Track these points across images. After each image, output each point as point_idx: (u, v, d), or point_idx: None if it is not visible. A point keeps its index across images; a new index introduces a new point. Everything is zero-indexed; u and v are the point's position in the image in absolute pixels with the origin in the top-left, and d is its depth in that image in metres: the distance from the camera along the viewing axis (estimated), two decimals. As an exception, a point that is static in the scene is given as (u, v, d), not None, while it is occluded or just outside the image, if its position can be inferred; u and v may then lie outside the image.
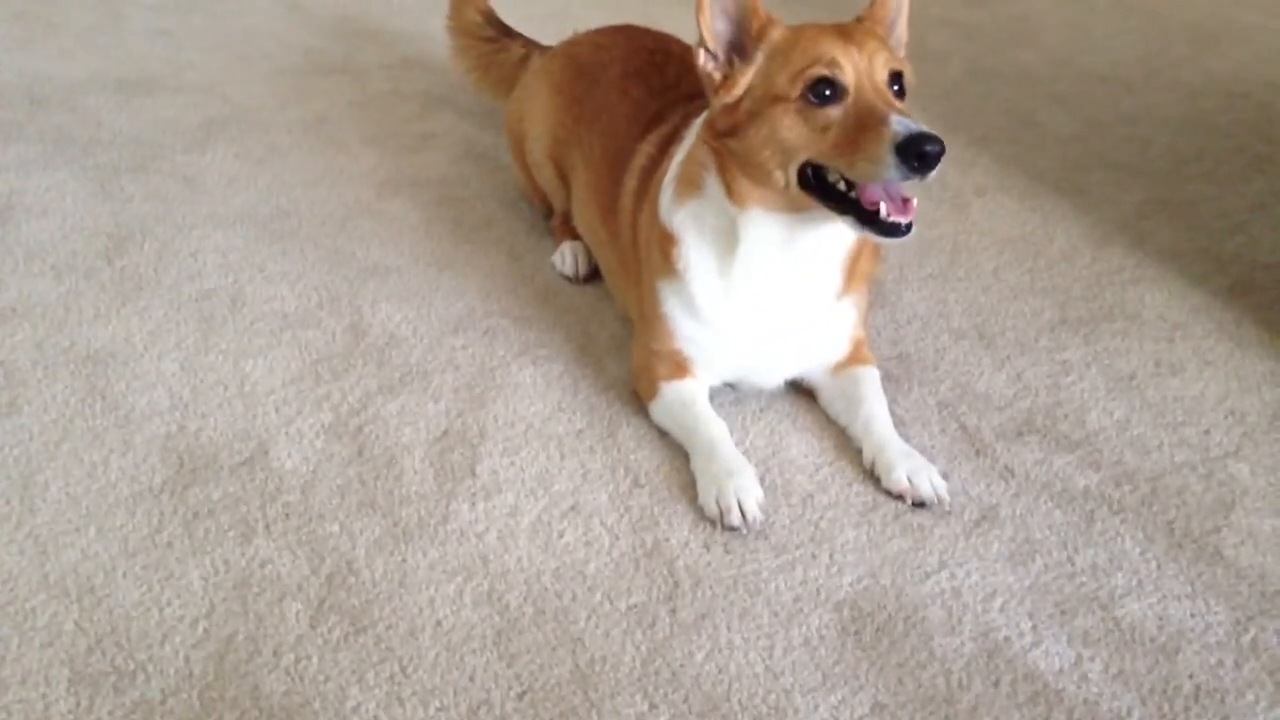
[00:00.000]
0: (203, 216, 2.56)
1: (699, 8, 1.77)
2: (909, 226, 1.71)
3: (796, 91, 1.72)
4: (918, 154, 1.61)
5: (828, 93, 1.70)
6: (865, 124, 1.67)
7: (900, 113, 1.67)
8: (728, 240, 1.88)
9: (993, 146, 3.01)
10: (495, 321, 2.24)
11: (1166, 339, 2.26)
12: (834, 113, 1.70)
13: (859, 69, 1.71)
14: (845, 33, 1.76)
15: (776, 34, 1.78)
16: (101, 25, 3.59)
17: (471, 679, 1.52)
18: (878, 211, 1.70)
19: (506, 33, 2.86)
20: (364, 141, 2.94)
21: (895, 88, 1.74)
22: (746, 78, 1.79)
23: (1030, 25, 3.89)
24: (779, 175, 1.77)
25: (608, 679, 1.52)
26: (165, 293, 2.28)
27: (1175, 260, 2.53)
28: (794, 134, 1.73)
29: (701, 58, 1.81)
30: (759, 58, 1.78)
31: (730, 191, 1.84)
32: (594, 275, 2.39)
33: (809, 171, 1.75)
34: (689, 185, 1.91)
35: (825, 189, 1.75)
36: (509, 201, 2.69)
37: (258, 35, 3.56)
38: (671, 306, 1.95)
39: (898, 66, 1.76)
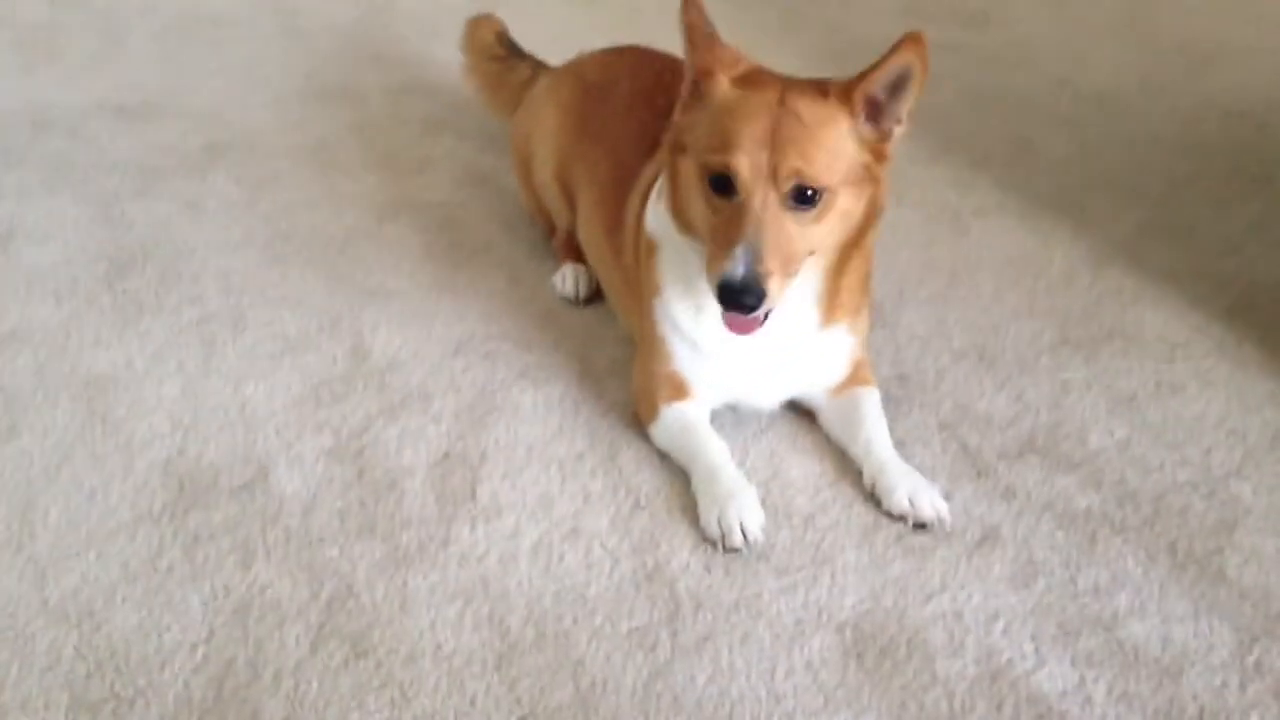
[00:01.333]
0: (204, 241, 2.56)
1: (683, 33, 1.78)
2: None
3: (699, 162, 1.73)
4: (731, 300, 1.67)
5: (724, 182, 1.70)
6: (728, 238, 1.68)
7: (754, 246, 1.66)
8: (688, 253, 1.89)
9: (990, 168, 3.02)
10: (496, 344, 2.24)
11: (1166, 359, 2.26)
12: (724, 203, 1.71)
13: (758, 175, 1.67)
14: (779, 122, 1.68)
15: (717, 88, 1.74)
16: (102, 51, 3.60)
17: (472, 703, 1.51)
18: None
19: (516, 53, 2.88)
20: (364, 165, 2.95)
21: (808, 192, 1.69)
22: (679, 113, 1.81)
23: (1027, 48, 3.91)
24: (689, 214, 1.80)
25: (609, 702, 1.52)
26: (166, 317, 2.29)
27: (1174, 281, 2.53)
28: (695, 195, 1.76)
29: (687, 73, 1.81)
30: (701, 102, 1.77)
31: (669, 207, 1.87)
32: (594, 298, 2.40)
33: None
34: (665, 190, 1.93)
35: None
36: (509, 224, 2.70)
37: (258, 61, 3.58)
38: (666, 327, 1.95)
39: (810, 179, 1.68)
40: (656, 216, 1.95)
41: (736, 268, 1.66)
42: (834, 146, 1.72)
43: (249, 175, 2.87)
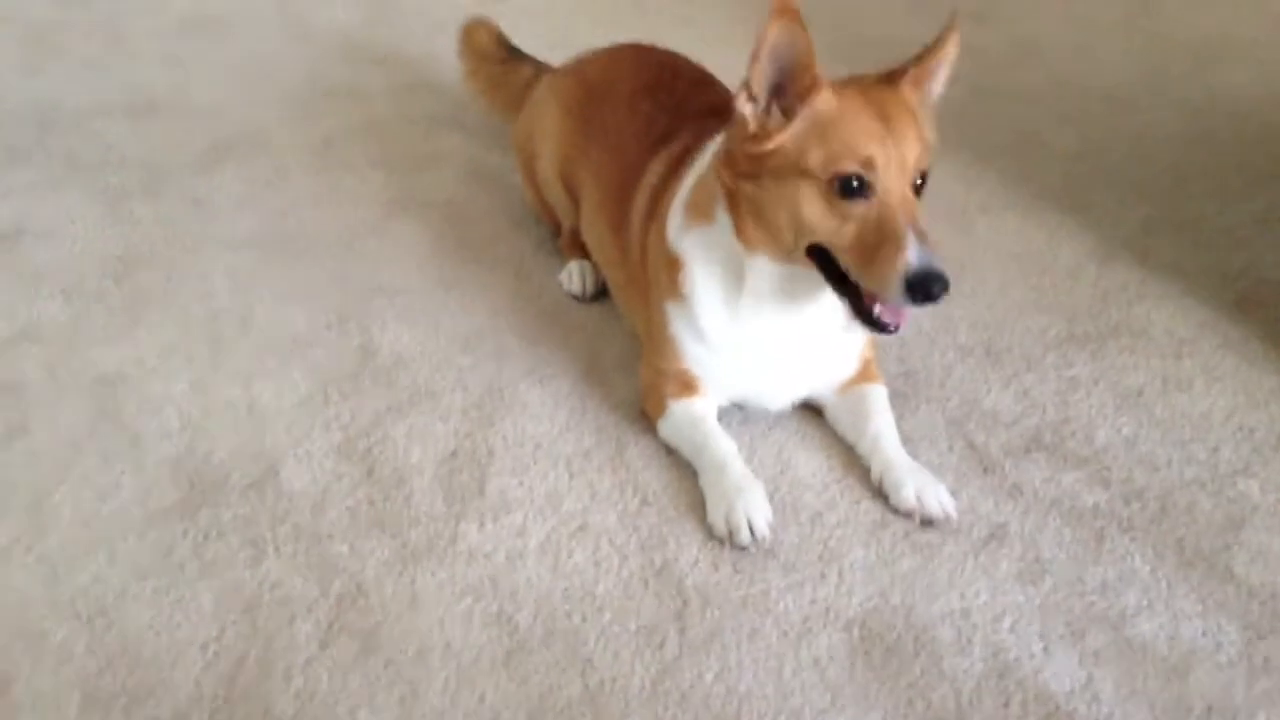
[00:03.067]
0: (211, 238, 2.57)
1: (757, 50, 1.67)
2: (897, 327, 1.73)
3: (826, 176, 1.67)
4: (924, 292, 1.62)
5: (855, 185, 1.67)
6: (883, 238, 1.65)
7: (919, 234, 1.64)
8: (735, 270, 1.87)
9: (997, 164, 3.02)
10: (503, 341, 2.25)
11: (1173, 355, 2.26)
12: (858, 209, 1.67)
13: (892, 170, 1.67)
14: (887, 118, 1.69)
15: (821, 101, 1.70)
16: (109, 50, 3.61)
17: (481, 700, 1.52)
18: (873, 305, 1.71)
19: (516, 55, 2.89)
20: (371, 163, 2.95)
21: (920, 179, 1.72)
22: (782, 136, 1.71)
23: (1033, 45, 3.91)
24: (788, 239, 1.75)
25: (617, 700, 1.52)
26: (174, 314, 2.29)
27: (1180, 276, 2.53)
28: (813, 215, 1.70)
29: (741, 99, 1.73)
30: (799, 121, 1.71)
31: (738, 230, 1.83)
32: (601, 294, 2.40)
33: (818, 248, 1.74)
34: (699, 212, 1.90)
35: (829, 266, 1.74)
36: (515, 221, 2.70)
37: (264, 59, 3.58)
38: (678, 328, 1.95)
39: (926, 165, 1.72)
40: (689, 240, 1.92)
41: (920, 258, 1.62)
42: (922, 128, 1.75)
43: (255, 173, 2.88)
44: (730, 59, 2.22)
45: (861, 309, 1.73)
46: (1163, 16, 4.19)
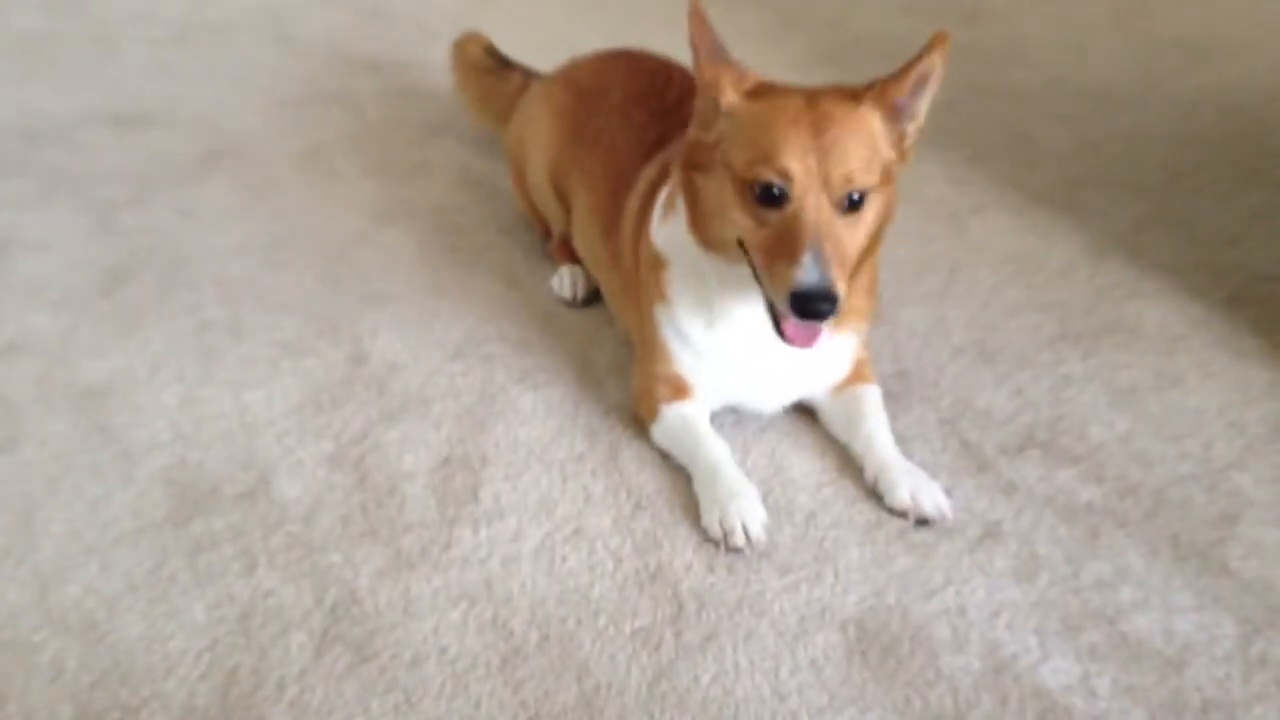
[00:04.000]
0: (201, 248, 2.56)
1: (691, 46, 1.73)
2: (807, 342, 1.72)
3: (746, 178, 1.68)
4: (806, 309, 1.61)
5: (772, 193, 1.65)
6: (785, 249, 1.64)
7: (820, 251, 1.62)
8: (705, 271, 1.87)
9: (988, 164, 3.02)
10: (494, 347, 2.24)
11: (1166, 352, 2.26)
12: (772, 215, 1.67)
13: (811, 184, 1.65)
14: (820, 132, 1.65)
15: (734, 105, 1.72)
16: (97, 60, 3.61)
17: (477, 707, 1.51)
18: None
19: (506, 64, 2.90)
20: (361, 171, 2.95)
21: (855, 195, 1.67)
22: (720, 129, 1.74)
23: (1024, 43, 3.91)
24: (717, 230, 1.75)
25: (614, 704, 1.52)
26: (164, 325, 2.28)
27: (1173, 273, 2.53)
28: (735, 211, 1.71)
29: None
30: (725, 122, 1.73)
31: (687, 222, 1.83)
32: (592, 299, 2.40)
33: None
34: (670, 206, 1.92)
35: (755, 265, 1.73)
36: (506, 228, 2.70)
37: (253, 67, 3.58)
38: (668, 331, 1.95)
39: (866, 184, 1.68)
40: (664, 234, 1.93)
41: (808, 275, 1.61)
42: (874, 147, 1.71)
43: (245, 182, 2.87)
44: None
45: (775, 318, 1.73)
46: (1154, 15, 4.20)
